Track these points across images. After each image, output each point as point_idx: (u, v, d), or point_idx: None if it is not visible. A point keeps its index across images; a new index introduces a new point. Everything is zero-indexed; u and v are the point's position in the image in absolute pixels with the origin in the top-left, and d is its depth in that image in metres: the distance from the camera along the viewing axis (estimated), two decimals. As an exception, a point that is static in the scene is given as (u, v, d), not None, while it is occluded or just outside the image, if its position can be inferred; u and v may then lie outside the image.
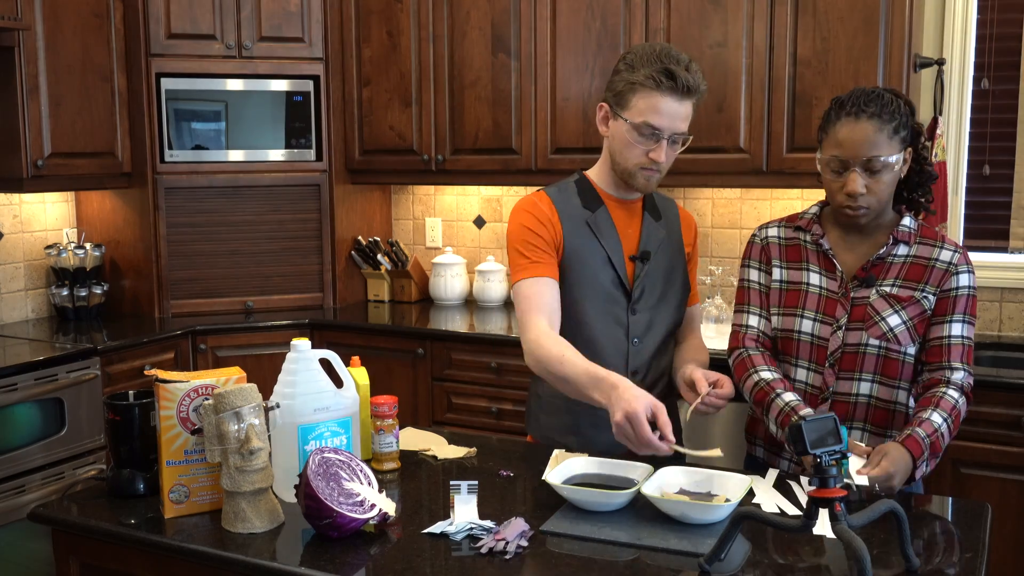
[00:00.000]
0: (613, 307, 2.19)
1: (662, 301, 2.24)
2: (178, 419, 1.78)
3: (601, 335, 2.18)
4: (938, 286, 2.03)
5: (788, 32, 3.29)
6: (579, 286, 2.17)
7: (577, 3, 3.62)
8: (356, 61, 4.11)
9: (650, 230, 2.24)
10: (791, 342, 2.10)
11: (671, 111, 2.07)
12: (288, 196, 4.11)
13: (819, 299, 2.08)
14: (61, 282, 3.95)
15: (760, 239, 2.21)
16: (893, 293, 2.03)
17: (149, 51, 3.86)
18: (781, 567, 1.57)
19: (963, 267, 2.04)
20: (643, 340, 2.21)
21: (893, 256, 2.06)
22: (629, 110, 2.10)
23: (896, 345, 2.01)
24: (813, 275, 2.11)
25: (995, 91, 3.46)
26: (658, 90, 2.06)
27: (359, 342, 3.83)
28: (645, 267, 2.21)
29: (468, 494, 1.76)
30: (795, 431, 1.47)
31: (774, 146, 3.35)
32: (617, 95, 2.13)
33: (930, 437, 1.90)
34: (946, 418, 1.94)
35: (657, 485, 1.80)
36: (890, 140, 1.97)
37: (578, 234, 2.18)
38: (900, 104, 2.00)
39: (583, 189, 2.24)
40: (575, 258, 2.17)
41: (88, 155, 3.78)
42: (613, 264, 2.18)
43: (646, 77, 2.06)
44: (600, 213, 2.20)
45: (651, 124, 2.07)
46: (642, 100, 2.08)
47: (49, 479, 3.22)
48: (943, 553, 1.64)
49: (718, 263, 3.78)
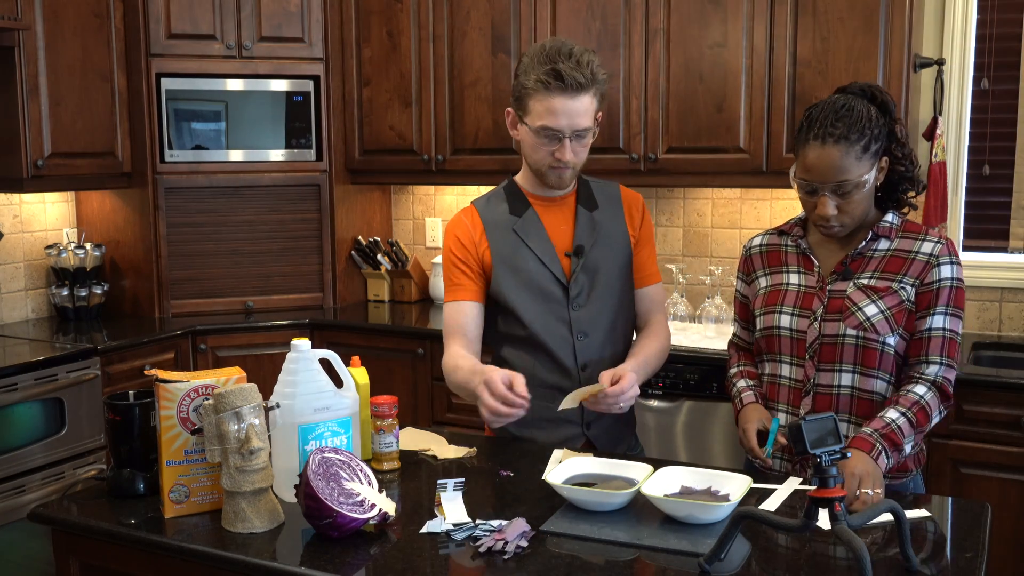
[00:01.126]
0: (553, 306, 2.21)
1: (606, 291, 2.25)
2: (178, 419, 1.78)
3: (546, 335, 2.21)
4: (918, 278, 2.02)
5: (788, 32, 3.29)
6: (516, 291, 2.21)
7: (577, 3, 3.62)
8: (356, 61, 4.11)
9: (584, 223, 2.25)
10: (773, 339, 2.12)
11: (566, 110, 2.07)
12: (288, 196, 4.11)
13: (797, 295, 2.11)
14: (61, 282, 3.95)
15: (746, 251, 2.26)
16: (870, 284, 2.03)
17: (149, 51, 3.86)
18: (781, 567, 1.57)
19: (945, 258, 2.02)
20: (590, 334, 2.23)
21: (873, 251, 2.07)
22: (529, 115, 2.13)
23: (874, 334, 2.00)
24: (792, 275, 2.14)
25: (995, 91, 3.45)
26: (548, 92, 2.06)
27: (359, 342, 3.83)
28: (581, 261, 2.22)
29: (454, 491, 1.76)
30: (795, 431, 1.47)
31: (774, 146, 3.35)
32: (517, 101, 2.15)
33: (880, 431, 1.92)
34: (904, 411, 1.95)
35: (657, 485, 1.80)
36: (859, 160, 1.96)
37: (506, 242, 2.21)
38: (872, 114, 1.98)
39: (511, 194, 2.27)
40: (506, 266, 2.21)
41: (88, 155, 3.78)
42: (545, 264, 2.21)
43: (535, 81, 2.08)
44: (527, 216, 2.23)
45: (548, 127, 2.09)
46: (537, 103, 2.09)
47: (49, 479, 3.22)
48: (943, 553, 1.64)
49: (718, 263, 3.78)
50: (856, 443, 1.91)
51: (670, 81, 3.49)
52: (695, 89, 3.46)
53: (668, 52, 3.49)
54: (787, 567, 1.58)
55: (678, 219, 3.89)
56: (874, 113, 1.99)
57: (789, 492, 1.88)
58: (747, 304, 2.26)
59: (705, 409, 3.21)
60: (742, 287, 2.28)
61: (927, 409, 1.97)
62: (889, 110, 2.03)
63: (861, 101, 2.01)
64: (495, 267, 2.21)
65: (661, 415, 3.28)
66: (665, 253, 3.90)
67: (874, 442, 1.91)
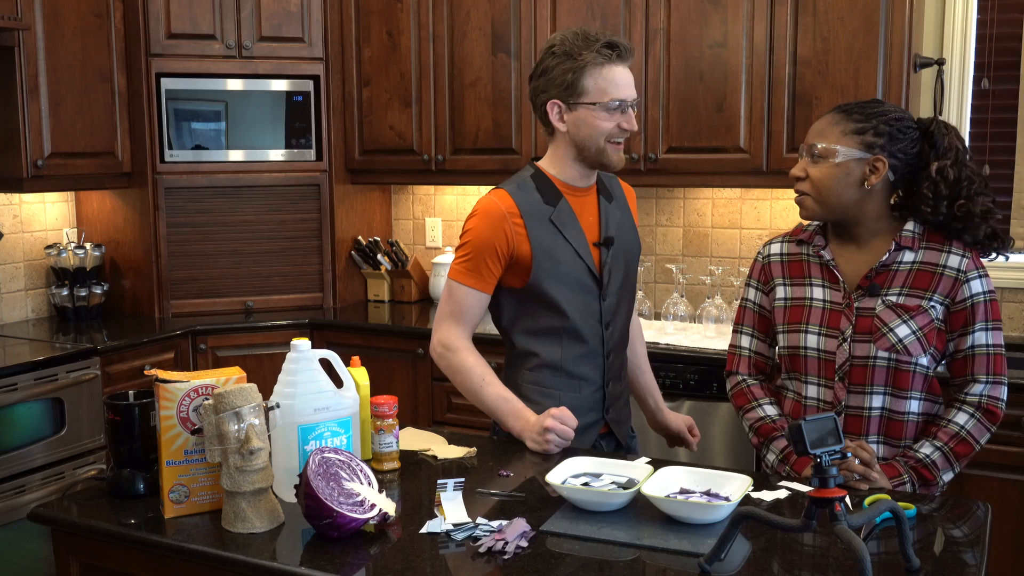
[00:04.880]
0: (587, 297, 2.24)
1: (625, 281, 2.32)
2: (178, 419, 1.78)
3: (583, 326, 2.23)
4: (948, 295, 1.96)
5: (788, 32, 3.29)
6: (555, 283, 2.20)
7: (577, 3, 3.62)
8: (356, 61, 4.11)
9: (608, 213, 2.29)
10: (799, 359, 2.06)
11: (626, 79, 2.17)
12: (288, 196, 4.11)
13: (823, 312, 2.04)
14: (61, 282, 3.95)
15: (762, 257, 2.18)
16: (900, 303, 1.97)
17: (149, 51, 3.86)
18: (781, 567, 1.57)
19: (973, 273, 1.97)
20: (613, 323, 2.28)
21: (898, 263, 2.00)
22: (587, 94, 2.14)
23: (907, 356, 1.96)
24: (816, 289, 2.07)
25: (995, 91, 3.45)
26: (609, 63, 2.13)
27: (359, 342, 3.83)
28: (610, 252, 2.25)
29: (454, 491, 1.76)
30: (795, 431, 1.47)
31: (774, 146, 3.35)
32: (568, 86, 2.14)
33: (912, 465, 1.94)
34: (941, 446, 1.95)
35: (657, 485, 1.80)
36: (842, 136, 1.96)
37: (543, 232, 2.20)
38: (895, 118, 1.96)
39: (541, 183, 2.24)
40: (545, 257, 2.19)
41: (88, 155, 3.78)
42: (581, 256, 2.22)
43: (594, 55, 2.12)
44: (561, 206, 2.23)
45: (618, 98, 2.14)
46: (598, 79, 2.13)
47: (49, 479, 3.22)
48: (943, 553, 1.64)
49: (718, 263, 3.78)
50: (885, 468, 1.93)
51: (670, 81, 3.49)
52: (695, 89, 3.46)
53: (668, 52, 3.49)
54: (787, 567, 1.57)
55: (678, 219, 3.89)
56: (904, 124, 1.96)
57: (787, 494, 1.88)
58: (764, 315, 2.17)
59: (705, 409, 3.21)
60: (757, 296, 2.18)
61: (968, 440, 1.95)
62: (935, 143, 1.97)
63: (906, 114, 1.99)
64: (535, 258, 2.18)
65: (661, 415, 3.27)
66: (665, 253, 3.90)
67: (902, 472, 1.92)
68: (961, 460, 1.96)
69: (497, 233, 2.17)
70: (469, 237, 2.21)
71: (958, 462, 1.96)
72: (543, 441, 2.10)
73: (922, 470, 1.93)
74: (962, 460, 1.96)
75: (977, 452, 1.98)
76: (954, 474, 1.97)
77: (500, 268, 2.20)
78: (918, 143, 1.99)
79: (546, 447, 2.10)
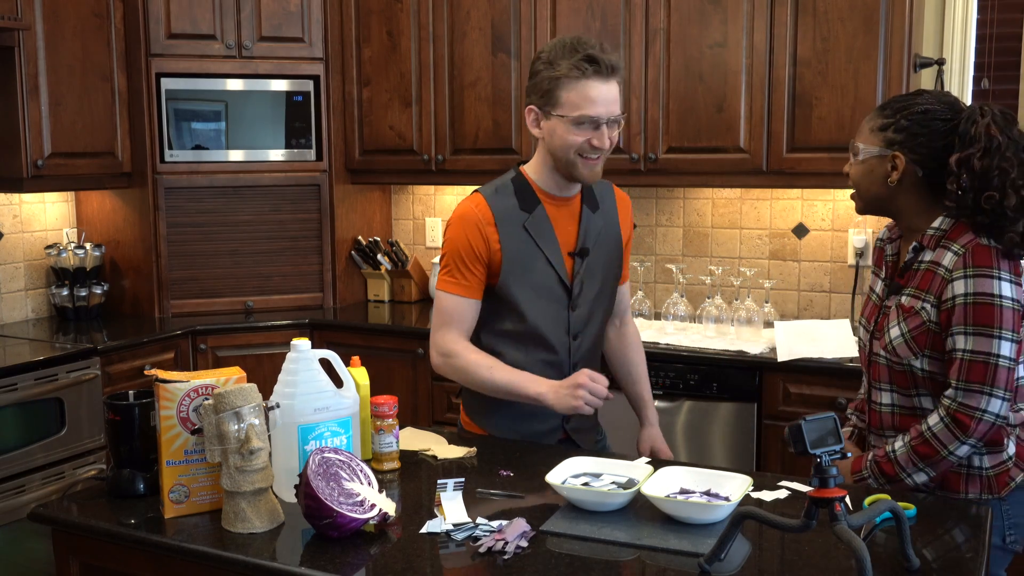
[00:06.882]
0: (556, 305, 2.23)
1: (601, 292, 2.30)
2: (178, 419, 1.78)
3: (549, 334, 2.23)
4: (937, 295, 1.90)
5: (788, 32, 3.29)
6: (522, 289, 2.20)
7: (577, 3, 3.62)
8: (356, 61, 4.11)
9: (588, 224, 2.27)
10: (861, 352, 2.13)
11: (602, 96, 2.09)
12: (288, 196, 4.11)
13: (868, 306, 2.11)
14: (61, 282, 3.95)
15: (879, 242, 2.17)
16: (903, 303, 1.97)
17: (149, 51, 3.86)
18: (781, 567, 1.57)
19: (959, 272, 1.86)
20: (583, 333, 2.27)
21: (919, 263, 1.97)
22: (561, 106, 2.11)
23: (896, 357, 1.95)
24: (877, 281, 2.12)
25: (995, 91, 3.45)
26: (584, 78, 2.07)
27: (359, 342, 3.82)
28: (584, 262, 2.24)
29: (454, 491, 1.76)
30: (795, 431, 1.47)
31: (774, 146, 3.35)
32: (544, 95, 2.13)
33: (877, 459, 1.94)
34: (908, 441, 1.90)
35: (657, 485, 1.80)
36: (869, 133, 1.98)
37: (516, 238, 2.20)
38: (913, 111, 1.92)
39: (520, 188, 2.23)
40: (515, 262, 2.19)
41: (88, 155, 3.77)
42: (553, 265, 2.21)
43: (570, 68, 2.08)
44: (537, 213, 2.21)
45: (588, 115, 2.09)
46: (572, 92, 2.09)
47: (49, 479, 3.22)
48: (943, 553, 1.64)
49: (718, 263, 3.78)
50: (853, 462, 1.96)
51: (670, 81, 3.49)
52: (695, 89, 3.46)
53: (668, 52, 3.49)
54: (787, 567, 1.57)
55: (678, 219, 3.89)
56: (930, 116, 1.91)
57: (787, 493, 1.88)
58: None
59: (705, 409, 3.21)
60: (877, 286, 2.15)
61: (932, 443, 1.86)
62: (961, 133, 1.87)
63: (937, 105, 1.93)
64: (504, 263, 2.19)
65: (661, 415, 3.26)
66: (665, 253, 3.90)
67: (864, 466, 1.94)
68: (927, 462, 1.87)
69: (474, 238, 2.18)
70: (448, 247, 2.23)
71: (923, 463, 1.88)
72: (574, 396, 2.06)
73: (884, 464, 1.92)
74: (929, 462, 1.87)
75: (948, 460, 1.86)
76: (928, 476, 1.89)
77: (483, 270, 2.20)
78: (945, 135, 1.91)
79: (576, 403, 2.06)
